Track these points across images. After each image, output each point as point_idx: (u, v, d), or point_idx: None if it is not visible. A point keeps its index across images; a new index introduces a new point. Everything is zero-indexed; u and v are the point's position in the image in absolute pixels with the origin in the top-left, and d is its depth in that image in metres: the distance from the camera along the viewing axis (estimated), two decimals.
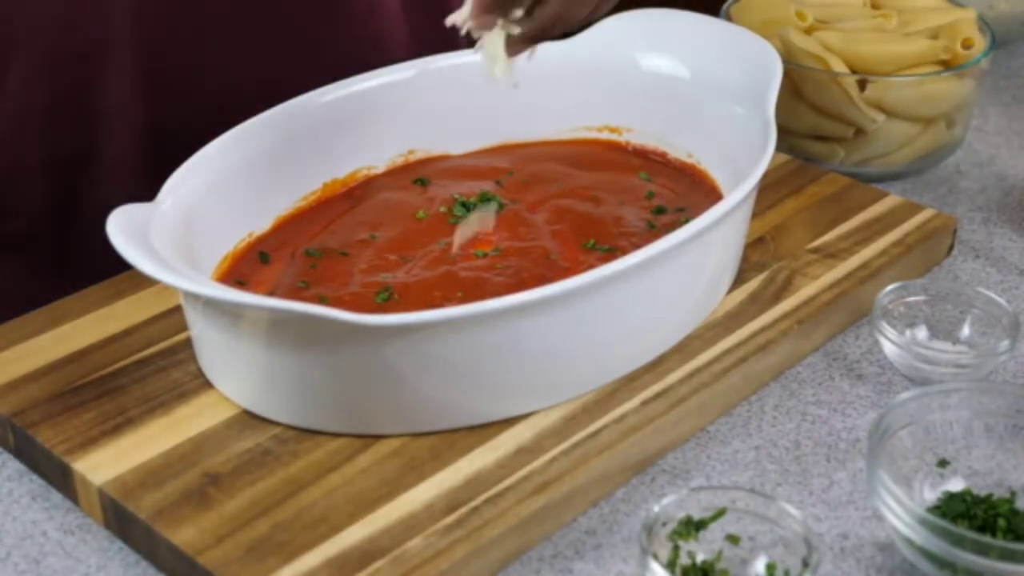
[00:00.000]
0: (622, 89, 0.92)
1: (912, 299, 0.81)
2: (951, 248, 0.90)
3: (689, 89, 0.90)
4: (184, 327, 0.76)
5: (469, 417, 0.70)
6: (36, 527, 0.69)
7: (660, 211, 0.85)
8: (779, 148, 0.91)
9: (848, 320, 0.83)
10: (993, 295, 0.80)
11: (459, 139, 0.92)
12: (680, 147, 0.91)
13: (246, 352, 0.70)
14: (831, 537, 0.68)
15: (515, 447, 0.69)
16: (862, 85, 0.95)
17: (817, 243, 0.86)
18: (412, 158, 0.91)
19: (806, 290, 0.81)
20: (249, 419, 0.71)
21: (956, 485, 0.69)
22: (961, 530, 0.62)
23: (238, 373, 0.71)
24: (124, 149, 0.88)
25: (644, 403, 0.72)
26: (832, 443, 0.74)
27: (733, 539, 0.66)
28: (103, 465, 0.68)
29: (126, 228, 0.68)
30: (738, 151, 0.83)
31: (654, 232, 0.82)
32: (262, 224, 0.83)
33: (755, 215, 0.86)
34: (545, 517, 0.67)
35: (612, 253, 0.80)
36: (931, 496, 0.69)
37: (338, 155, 0.87)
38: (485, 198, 0.85)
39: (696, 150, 0.90)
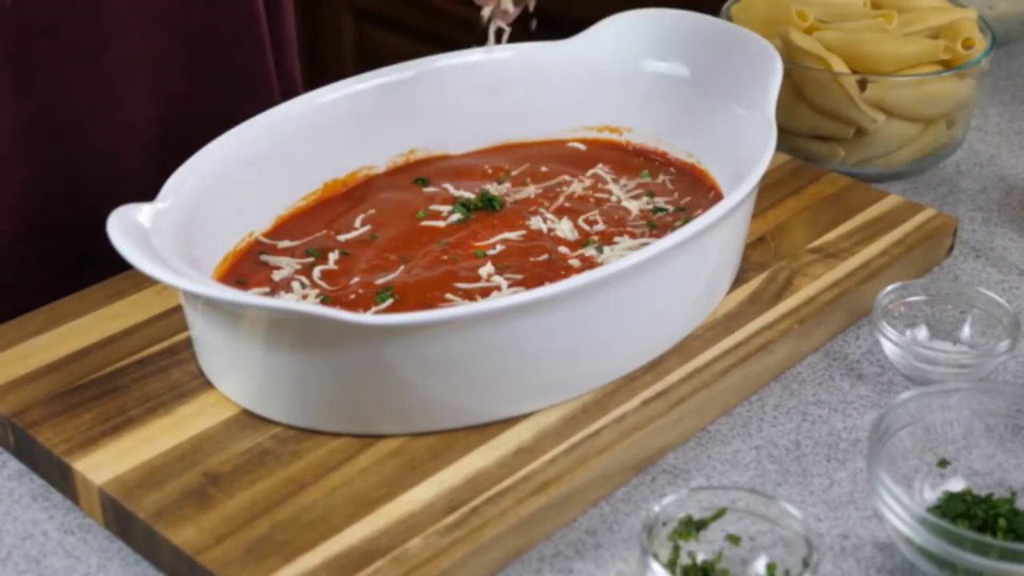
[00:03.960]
0: (622, 89, 0.92)
1: (912, 299, 0.81)
2: (951, 248, 0.90)
3: (689, 89, 0.90)
4: (184, 327, 0.76)
5: (469, 417, 0.70)
6: (36, 527, 0.69)
7: (660, 211, 0.85)
8: (779, 148, 0.91)
9: (848, 320, 0.83)
10: (993, 295, 0.80)
11: (459, 139, 0.92)
12: (680, 147, 0.91)
13: (246, 352, 0.70)
14: (831, 537, 0.68)
15: (515, 447, 0.69)
16: (862, 85, 0.95)
17: (817, 243, 0.86)
18: (412, 158, 0.91)
19: (806, 290, 0.81)
20: (249, 419, 0.71)
21: (956, 485, 0.69)
22: (961, 530, 0.62)
23: (238, 373, 0.71)
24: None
25: (644, 403, 0.72)
26: (832, 443, 0.74)
27: (733, 539, 0.66)
28: (103, 465, 0.68)
29: (126, 228, 0.68)
30: (738, 151, 0.83)
31: (654, 232, 0.83)
32: (262, 224, 0.83)
33: (755, 215, 0.86)
34: (545, 517, 0.67)
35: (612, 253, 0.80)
36: (931, 496, 0.69)
37: (338, 155, 0.87)
38: (486, 198, 0.85)
39: (696, 150, 0.90)
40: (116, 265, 0.83)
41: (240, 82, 0.93)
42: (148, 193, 0.74)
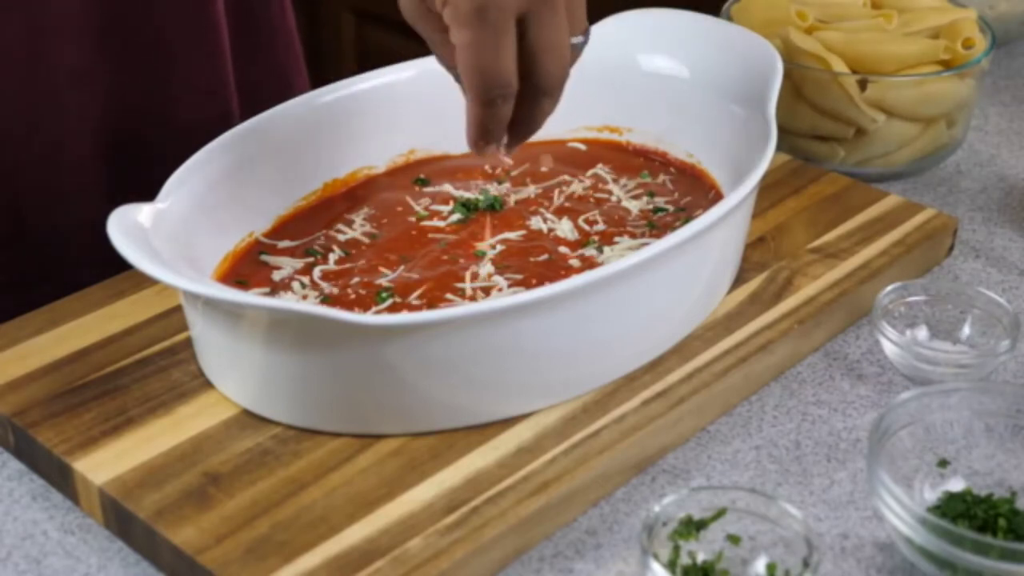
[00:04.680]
0: (622, 89, 0.92)
1: (912, 299, 0.81)
2: (951, 248, 0.90)
3: (689, 89, 0.90)
4: (184, 327, 0.76)
5: (469, 417, 0.70)
6: (37, 527, 0.69)
7: (660, 211, 0.85)
8: (779, 148, 0.91)
9: (848, 320, 0.83)
10: (993, 295, 0.80)
11: (459, 139, 0.91)
12: (680, 147, 0.91)
13: (246, 352, 0.70)
14: (831, 537, 0.68)
15: (515, 447, 0.69)
16: (862, 85, 0.95)
17: (817, 243, 0.86)
18: (412, 158, 0.91)
19: (806, 290, 0.81)
20: (249, 419, 0.71)
21: (956, 485, 0.69)
22: (961, 530, 0.62)
23: (238, 373, 0.71)
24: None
25: (644, 403, 0.72)
26: (832, 443, 0.74)
27: (734, 539, 0.66)
28: (103, 465, 0.68)
29: (126, 228, 0.68)
30: (738, 151, 0.83)
31: (654, 232, 0.83)
32: (262, 224, 0.83)
33: (755, 215, 0.86)
34: (545, 517, 0.67)
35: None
36: (931, 496, 0.69)
37: (338, 155, 0.87)
38: (486, 198, 0.85)
39: (696, 150, 0.90)
40: (59, 278, 0.83)
41: (191, 94, 0.91)
42: (92, 209, 0.71)
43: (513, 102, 0.70)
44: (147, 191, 0.74)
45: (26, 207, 0.86)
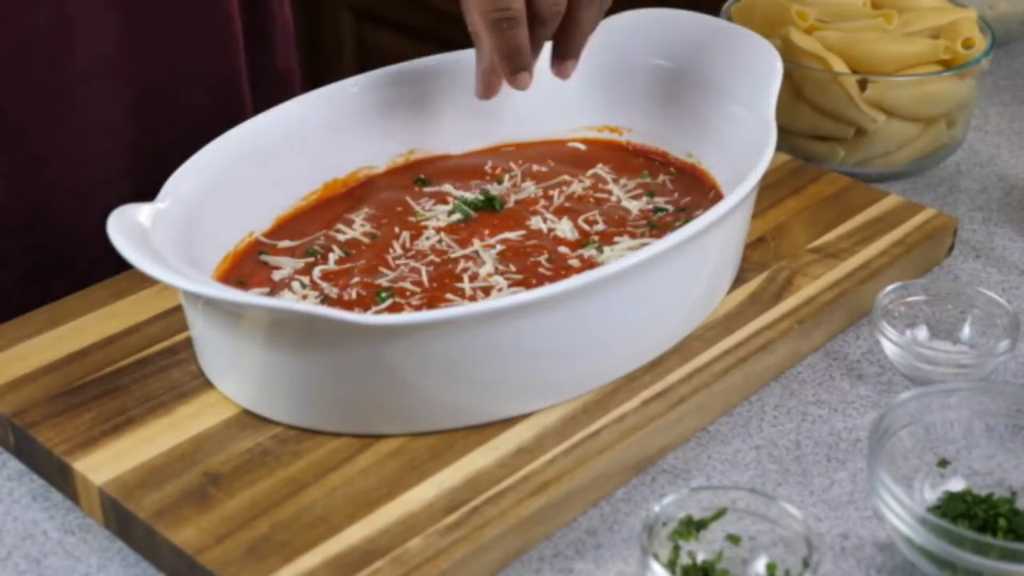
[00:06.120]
0: (622, 89, 0.92)
1: (912, 299, 0.81)
2: (951, 248, 0.90)
3: (689, 89, 0.90)
4: (184, 327, 0.76)
5: (469, 417, 0.70)
6: (37, 527, 0.69)
7: (660, 211, 0.85)
8: (779, 148, 0.91)
9: (848, 320, 0.83)
10: (993, 295, 0.80)
11: (459, 139, 0.92)
12: (680, 147, 0.91)
13: (246, 352, 0.70)
14: (831, 537, 0.68)
15: (515, 447, 0.69)
16: (862, 85, 0.95)
17: (817, 243, 0.86)
18: (412, 158, 0.91)
19: (806, 290, 0.81)
20: (249, 419, 0.71)
21: (956, 485, 0.69)
22: (961, 530, 0.62)
23: (238, 373, 0.71)
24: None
25: (644, 403, 0.72)
26: (832, 443, 0.74)
27: (734, 539, 0.66)
28: (103, 465, 0.68)
29: (126, 228, 0.68)
30: (738, 151, 0.83)
31: (654, 232, 0.83)
32: (262, 224, 0.83)
33: (755, 215, 0.86)
34: (545, 517, 0.67)
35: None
36: (931, 496, 0.69)
37: (338, 155, 0.87)
38: (486, 198, 0.85)
39: (696, 150, 0.90)
40: (81, 269, 0.83)
41: (211, 87, 0.92)
42: (112, 202, 0.71)
43: (523, 28, 0.76)
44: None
45: (48, 198, 0.87)
